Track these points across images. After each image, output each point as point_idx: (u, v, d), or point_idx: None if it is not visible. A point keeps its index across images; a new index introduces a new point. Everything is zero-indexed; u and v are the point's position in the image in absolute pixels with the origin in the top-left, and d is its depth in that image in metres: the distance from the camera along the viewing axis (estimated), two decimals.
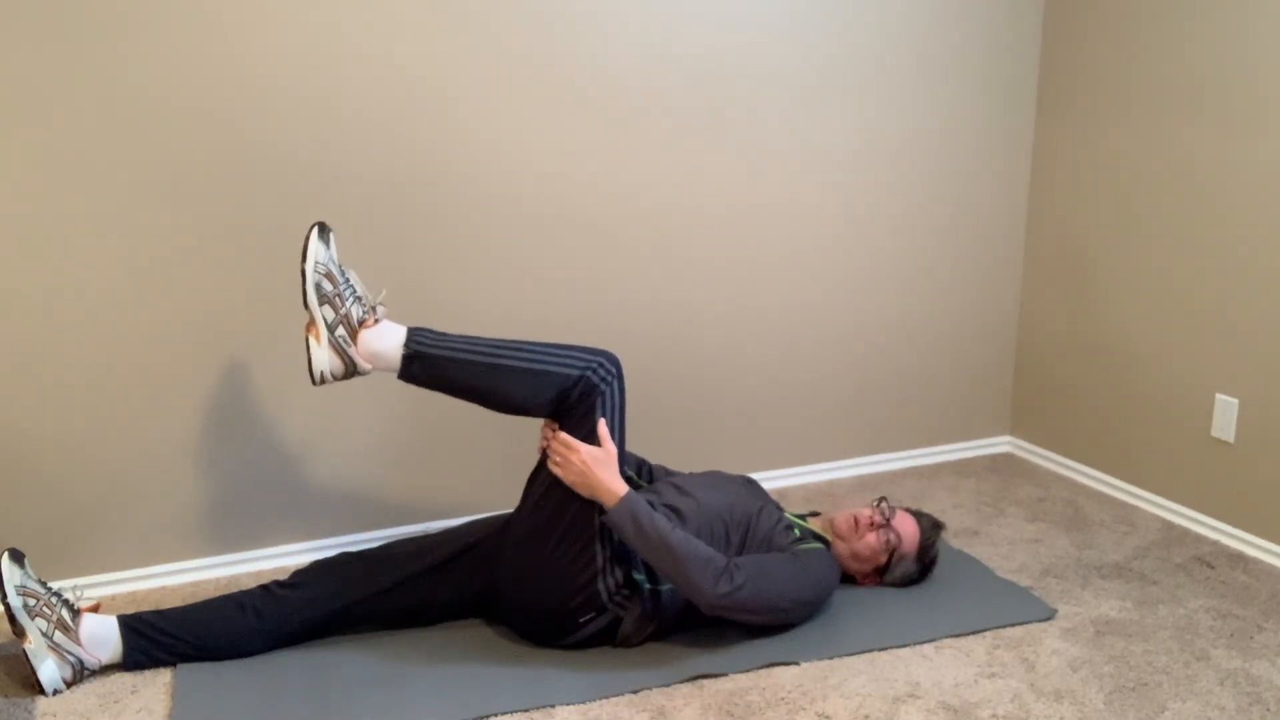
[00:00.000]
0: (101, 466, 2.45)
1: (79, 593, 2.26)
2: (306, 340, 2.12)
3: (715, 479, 2.44)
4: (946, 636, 2.27)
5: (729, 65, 2.81)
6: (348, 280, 2.16)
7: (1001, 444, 3.44)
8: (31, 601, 2.06)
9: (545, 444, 2.21)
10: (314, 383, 2.14)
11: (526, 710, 2.02)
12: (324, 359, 2.11)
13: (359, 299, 2.15)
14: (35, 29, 2.22)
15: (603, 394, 2.16)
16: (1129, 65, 2.90)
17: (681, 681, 2.10)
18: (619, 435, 2.20)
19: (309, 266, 2.09)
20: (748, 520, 2.30)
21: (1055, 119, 3.15)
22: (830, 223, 3.04)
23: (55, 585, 2.45)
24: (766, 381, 3.07)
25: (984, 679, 2.13)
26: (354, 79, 2.47)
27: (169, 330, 2.45)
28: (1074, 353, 3.17)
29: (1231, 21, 2.61)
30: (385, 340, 2.14)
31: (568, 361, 2.15)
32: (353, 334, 2.12)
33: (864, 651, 2.21)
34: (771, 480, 3.10)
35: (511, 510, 2.38)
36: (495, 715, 2.01)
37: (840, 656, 2.19)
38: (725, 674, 2.13)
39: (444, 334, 2.19)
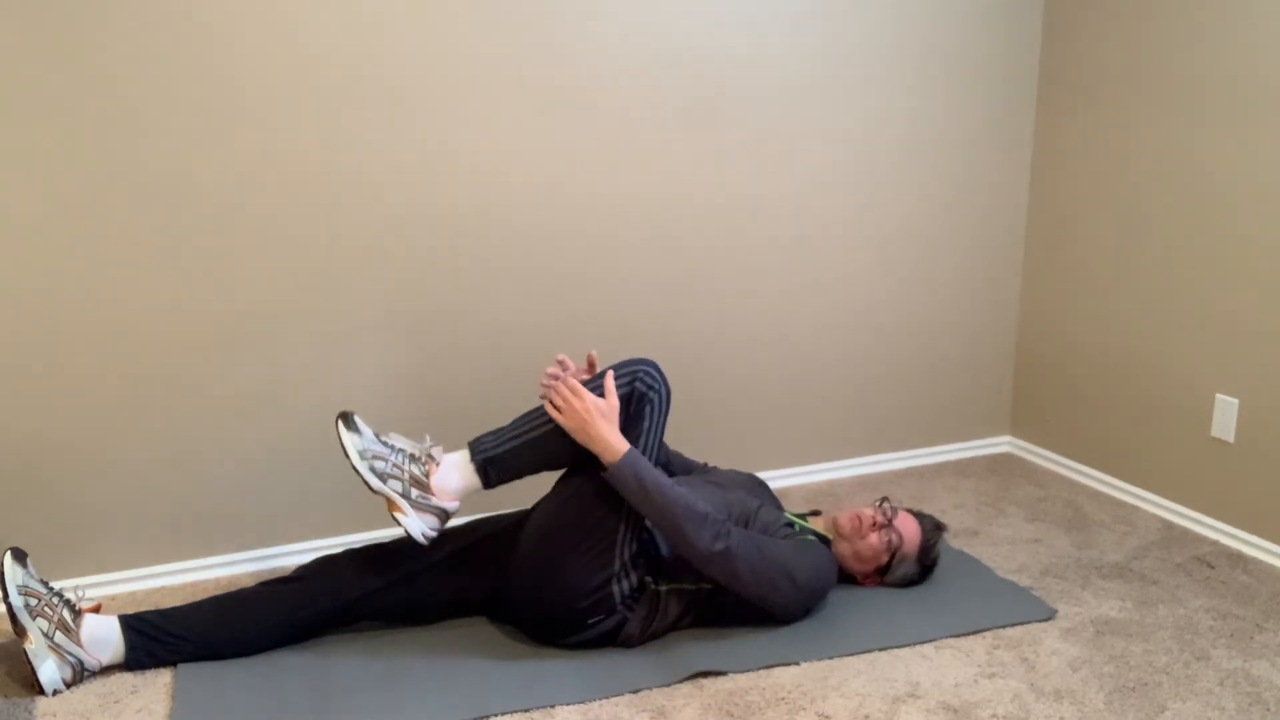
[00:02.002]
0: (101, 466, 2.46)
1: (80, 593, 2.26)
2: (394, 519, 2.14)
3: (717, 477, 2.45)
4: (946, 636, 2.27)
5: (729, 66, 2.81)
6: (393, 447, 2.18)
7: (1001, 444, 3.44)
8: (33, 601, 2.06)
9: (546, 388, 2.22)
10: (425, 545, 2.17)
11: (526, 710, 2.02)
12: (416, 524, 2.14)
13: (413, 457, 2.18)
14: (32, 30, 2.22)
15: (651, 401, 2.21)
16: (1130, 64, 2.90)
17: (681, 681, 2.11)
18: (659, 437, 2.24)
19: (354, 462, 2.11)
20: (746, 519, 2.30)
21: (1056, 118, 3.15)
22: (830, 223, 3.04)
23: (57, 585, 2.45)
24: (766, 381, 3.08)
25: (984, 679, 2.13)
26: (355, 81, 2.48)
27: (169, 330, 2.45)
28: (1074, 353, 3.18)
29: (1232, 20, 2.61)
30: (455, 473, 2.19)
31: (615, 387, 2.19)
32: (426, 488, 2.15)
33: (864, 651, 2.21)
34: (772, 480, 3.10)
35: (515, 510, 2.39)
36: (495, 715, 2.01)
37: (840, 656, 2.19)
38: (725, 673, 2.13)
39: (499, 430, 2.23)
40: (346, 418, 2.15)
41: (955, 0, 3.02)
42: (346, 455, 2.11)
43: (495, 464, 2.19)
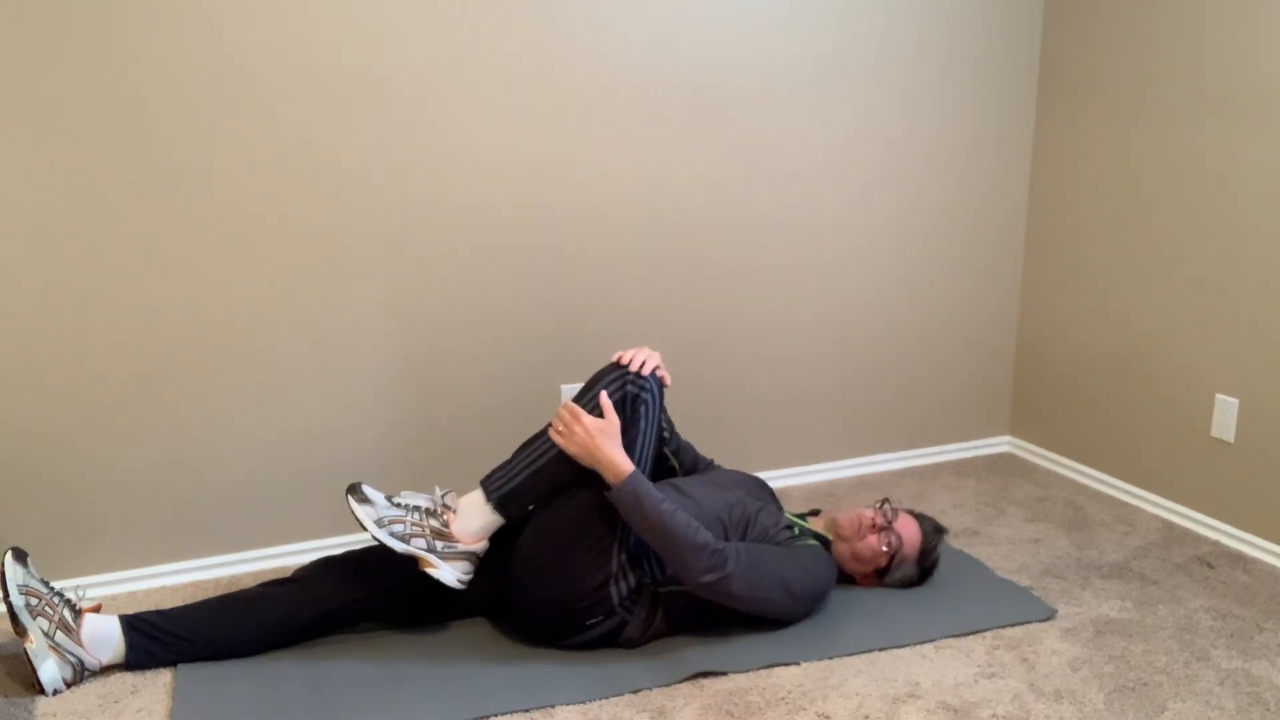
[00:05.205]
0: (101, 466, 2.46)
1: (81, 593, 2.26)
2: (427, 574, 2.16)
3: (719, 478, 2.45)
4: (946, 636, 2.27)
5: (729, 67, 2.81)
6: (407, 506, 2.20)
7: (1001, 444, 3.44)
8: (34, 601, 2.06)
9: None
10: (462, 589, 2.20)
11: (526, 710, 2.02)
12: (449, 573, 2.16)
13: (429, 511, 2.20)
14: (39, 29, 2.22)
15: (645, 401, 2.22)
16: (1129, 65, 2.90)
17: (681, 681, 2.11)
18: (654, 437, 2.26)
19: (374, 532, 2.12)
20: (746, 520, 2.30)
21: (1055, 119, 3.15)
22: (830, 223, 3.04)
23: (57, 585, 2.45)
24: (766, 382, 3.08)
25: (984, 679, 2.13)
26: (355, 79, 2.47)
27: (169, 330, 2.45)
28: (1074, 353, 3.18)
29: (1232, 20, 2.61)
30: (474, 515, 2.20)
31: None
32: (449, 537, 2.17)
33: (864, 651, 2.21)
34: (772, 480, 3.10)
35: None
36: (495, 715, 2.01)
37: (840, 656, 2.20)
38: (725, 673, 2.13)
39: (506, 464, 2.24)
40: (355, 490, 2.17)
41: (956, 2, 3.02)
42: (364, 528, 2.13)
43: (512, 499, 2.21)
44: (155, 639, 2.14)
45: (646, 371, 2.24)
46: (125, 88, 2.31)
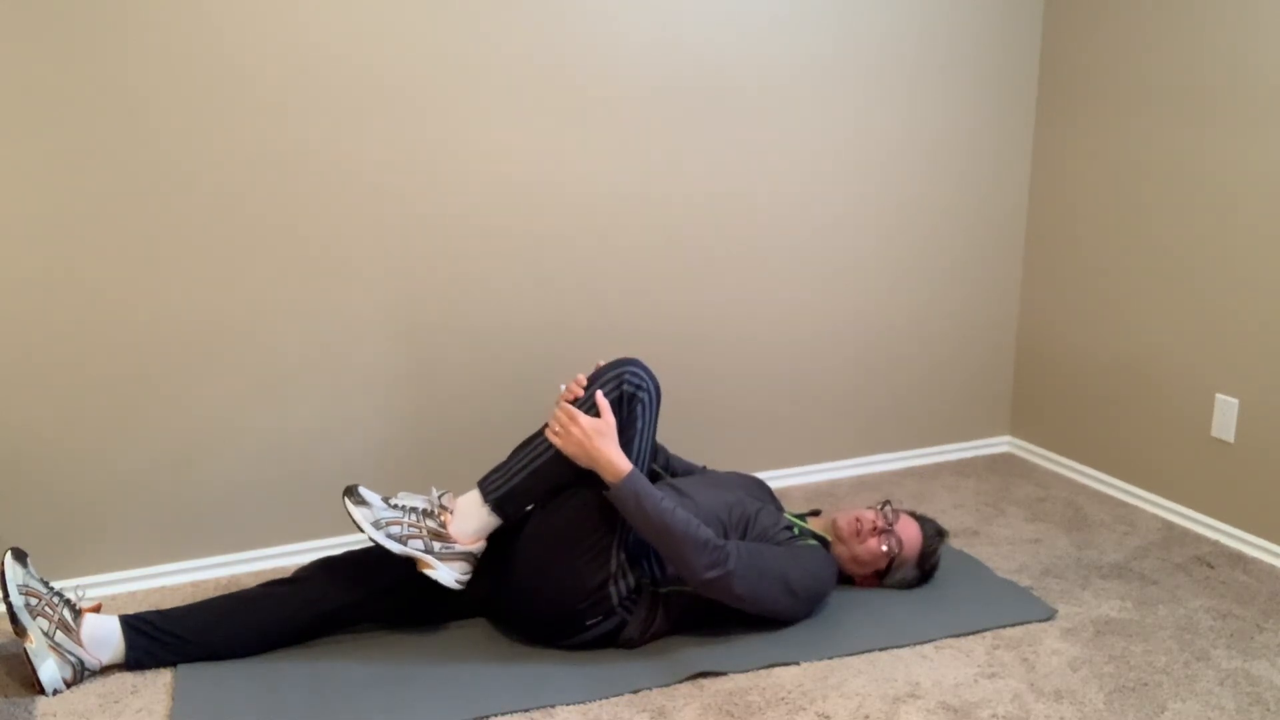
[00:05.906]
0: (101, 466, 2.46)
1: (81, 593, 2.26)
2: (424, 575, 2.17)
3: (718, 479, 2.45)
4: (946, 636, 2.27)
5: (728, 66, 2.81)
6: (404, 508, 2.20)
7: (1001, 444, 3.44)
8: (34, 601, 2.06)
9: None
10: (460, 590, 2.21)
11: (526, 710, 2.02)
12: (447, 574, 2.16)
13: (426, 512, 2.20)
14: (40, 29, 2.22)
15: (641, 400, 2.21)
16: (1129, 66, 2.90)
17: (681, 681, 2.11)
18: (652, 436, 2.26)
19: (370, 534, 2.13)
20: (745, 521, 2.30)
21: (1055, 119, 3.15)
22: (831, 223, 3.04)
23: (57, 585, 2.45)
24: (766, 382, 3.08)
25: (984, 679, 2.13)
26: (356, 80, 2.48)
27: (169, 330, 2.45)
28: (1074, 353, 3.18)
29: (1232, 21, 2.61)
30: (470, 516, 2.20)
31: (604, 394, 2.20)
32: (446, 538, 2.18)
33: (864, 651, 2.21)
34: (771, 480, 3.10)
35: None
36: (495, 715, 2.01)
37: (840, 656, 2.20)
38: (725, 674, 2.13)
39: (503, 465, 2.23)
40: (351, 492, 2.17)
41: (956, 1, 3.02)
42: (361, 530, 2.13)
43: (509, 500, 2.21)
44: (155, 639, 2.14)
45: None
46: (125, 88, 2.31)
